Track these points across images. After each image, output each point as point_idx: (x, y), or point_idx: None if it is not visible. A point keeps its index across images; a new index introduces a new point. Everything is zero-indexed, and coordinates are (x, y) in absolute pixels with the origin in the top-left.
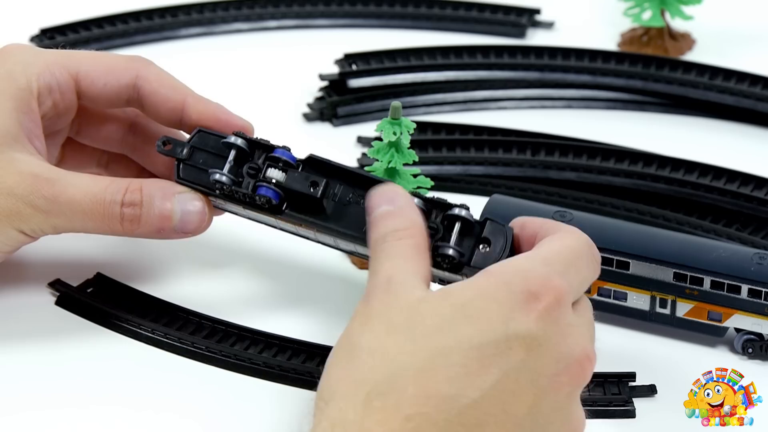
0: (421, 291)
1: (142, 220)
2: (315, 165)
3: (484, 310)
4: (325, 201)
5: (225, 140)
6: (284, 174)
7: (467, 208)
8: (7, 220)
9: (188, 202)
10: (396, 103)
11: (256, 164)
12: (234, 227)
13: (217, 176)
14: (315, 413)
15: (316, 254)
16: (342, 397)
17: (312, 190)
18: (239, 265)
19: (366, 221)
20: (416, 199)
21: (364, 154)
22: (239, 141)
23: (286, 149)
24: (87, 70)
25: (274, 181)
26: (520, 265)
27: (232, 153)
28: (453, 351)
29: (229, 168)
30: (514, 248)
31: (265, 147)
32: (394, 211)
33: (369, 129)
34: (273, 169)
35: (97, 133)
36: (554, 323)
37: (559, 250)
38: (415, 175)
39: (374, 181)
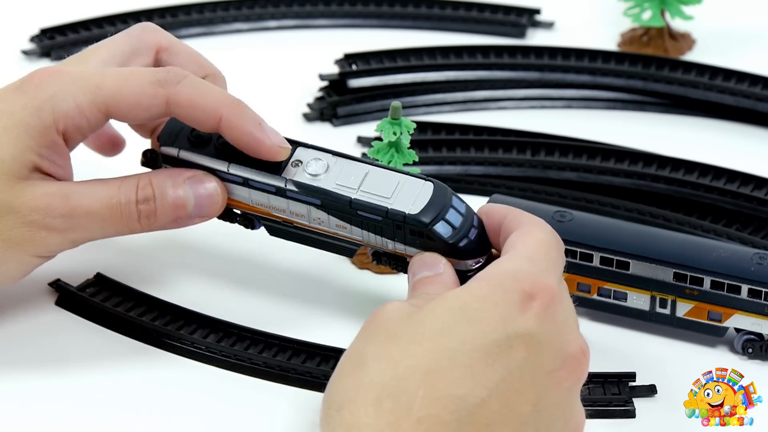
0: (417, 304)
1: (158, 213)
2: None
3: (483, 311)
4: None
5: None
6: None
7: None
8: (21, 248)
9: (199, 185)
10: (396, 103)
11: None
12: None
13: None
14: (327, 422)
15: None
16: (352, 402)
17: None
18: (239, 265)
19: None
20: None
21: (364, 154)
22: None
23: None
24: (117, 105)
25: None
26: (508, 267)
27: None
28: (457, 352)
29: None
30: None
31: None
32: (433, 277)
33: (369, 129)
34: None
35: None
36: (550, 320)
37: (536, 246)
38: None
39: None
